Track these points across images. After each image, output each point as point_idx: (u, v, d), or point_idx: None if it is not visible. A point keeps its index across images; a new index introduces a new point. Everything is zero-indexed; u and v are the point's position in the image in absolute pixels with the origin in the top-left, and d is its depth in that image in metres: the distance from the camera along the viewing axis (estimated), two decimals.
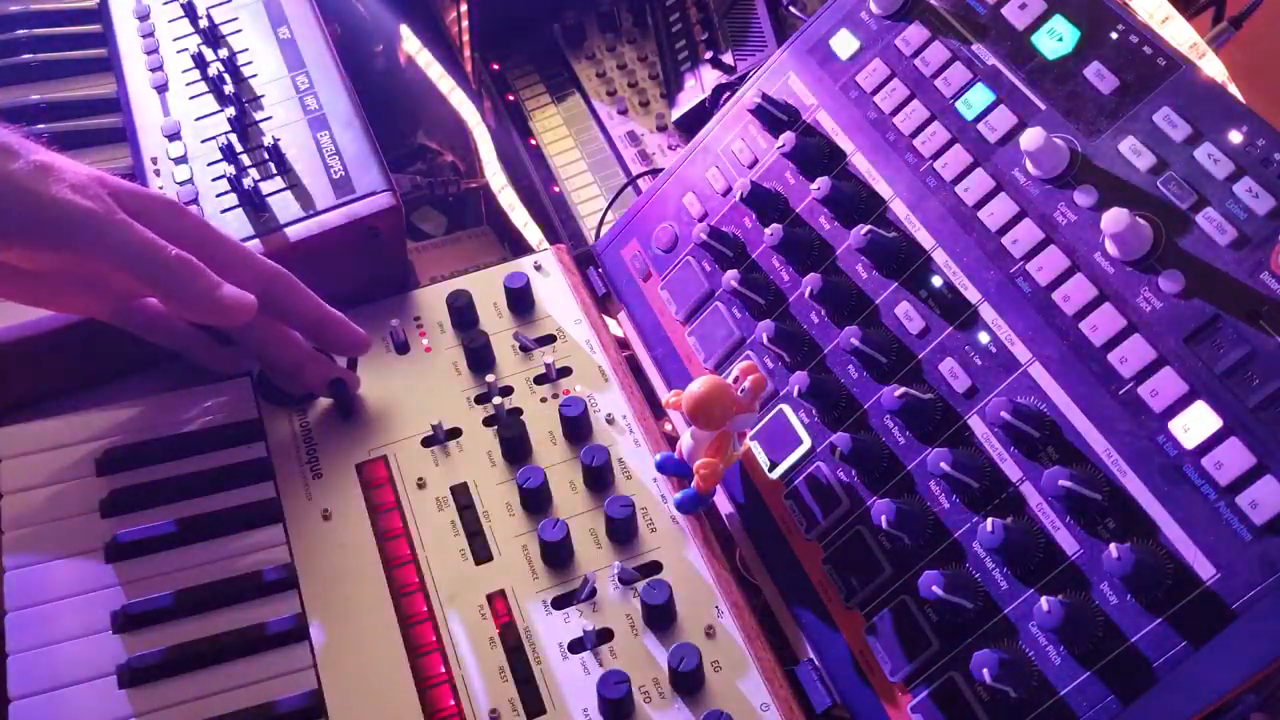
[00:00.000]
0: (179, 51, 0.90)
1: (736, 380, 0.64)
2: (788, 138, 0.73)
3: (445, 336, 0.79)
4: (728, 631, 0.65)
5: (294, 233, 0.77)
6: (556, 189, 1.02)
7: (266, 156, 0.81)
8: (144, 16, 0.94)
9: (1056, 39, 0.66)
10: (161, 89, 0.89)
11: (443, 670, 0.64)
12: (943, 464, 0.59)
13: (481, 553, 0.68)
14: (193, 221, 0.69)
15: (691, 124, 0.98)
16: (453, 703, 0.63)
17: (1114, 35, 0.64)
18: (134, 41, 0.93)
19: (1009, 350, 0.62)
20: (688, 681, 0.62)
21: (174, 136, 0.84)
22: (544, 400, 0.75)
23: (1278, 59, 1.02)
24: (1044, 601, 0.54)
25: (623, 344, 0.82)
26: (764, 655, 0.64)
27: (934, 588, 0.57)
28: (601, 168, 1.02)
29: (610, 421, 0.74)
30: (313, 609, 0.67)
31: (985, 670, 0.54)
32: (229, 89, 0.85)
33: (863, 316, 0.68)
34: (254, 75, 0.88)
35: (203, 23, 0.90)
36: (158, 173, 0.82)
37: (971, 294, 0.64)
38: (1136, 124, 0.61)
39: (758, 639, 0.65)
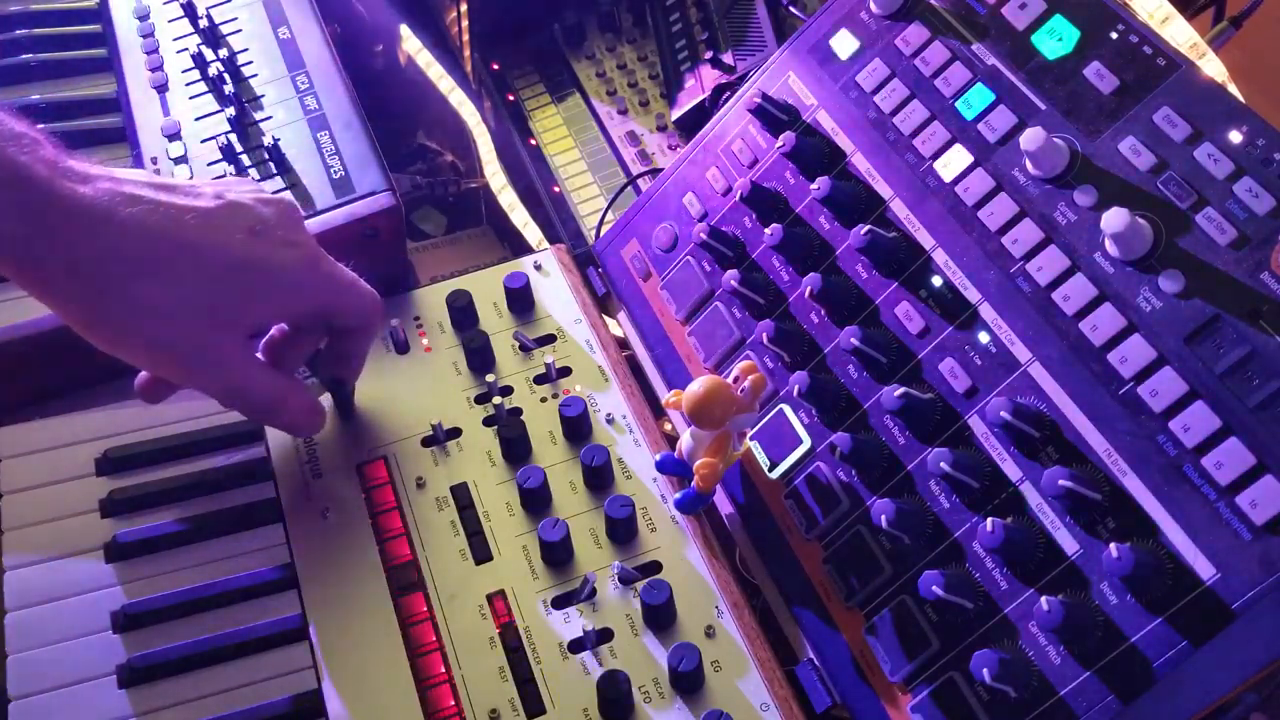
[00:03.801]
0: (179, 51, 0.90)
1: (736, 380, 0.64)
2: (788, 138, 0.73)
3: (445, 336, 0.79)
4: (728, 631, 0.65)
5: None
6: (556, 189, 1.02)
7: (266, 156, 0.81)
8: (144, 16, 0.94)
9: (1056, 39, 0.66)
10: (161, 89, 0.89)
11: (443, 670, 0.64)
12: (943, 464, 0.59)
13: (481, 553, 0.68)
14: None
15: (691, 124, 0.98)
16: (453, 703, 0.63)
17: (1114, 35, 0.64)
18: (134, 41, 0.93)
19: (1009, 350, 0.62)
20: (688, 681, 0.62)
21: (174, 136, 0.84)
22: (544, 400, 0.75)
23: (1278, 59, 1.02)
24: (1044, 601, 0.54)
25: (623, 344, 0.82)
26: (764, 655, 0.64)
27: (934, 588, 0.57)
28: (601, 168, 1.02)
29: (610, 421, 0.74)
30: (313, 609, 0.67)
31: (985, 670, 0.54)
32: (229, 89, 0.85)
33: (863, 316, 0.68)
34: (254, 75, 0.88)
35: (203, 23, 0.90)
36: (158, 173, 0.82)
37: (971, 294, 0.64)
38: (1136, 124, 0.61)
39: (758, 639, 0.65)
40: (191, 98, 0.87)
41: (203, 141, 0.84)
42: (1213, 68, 0.78)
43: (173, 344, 0.61)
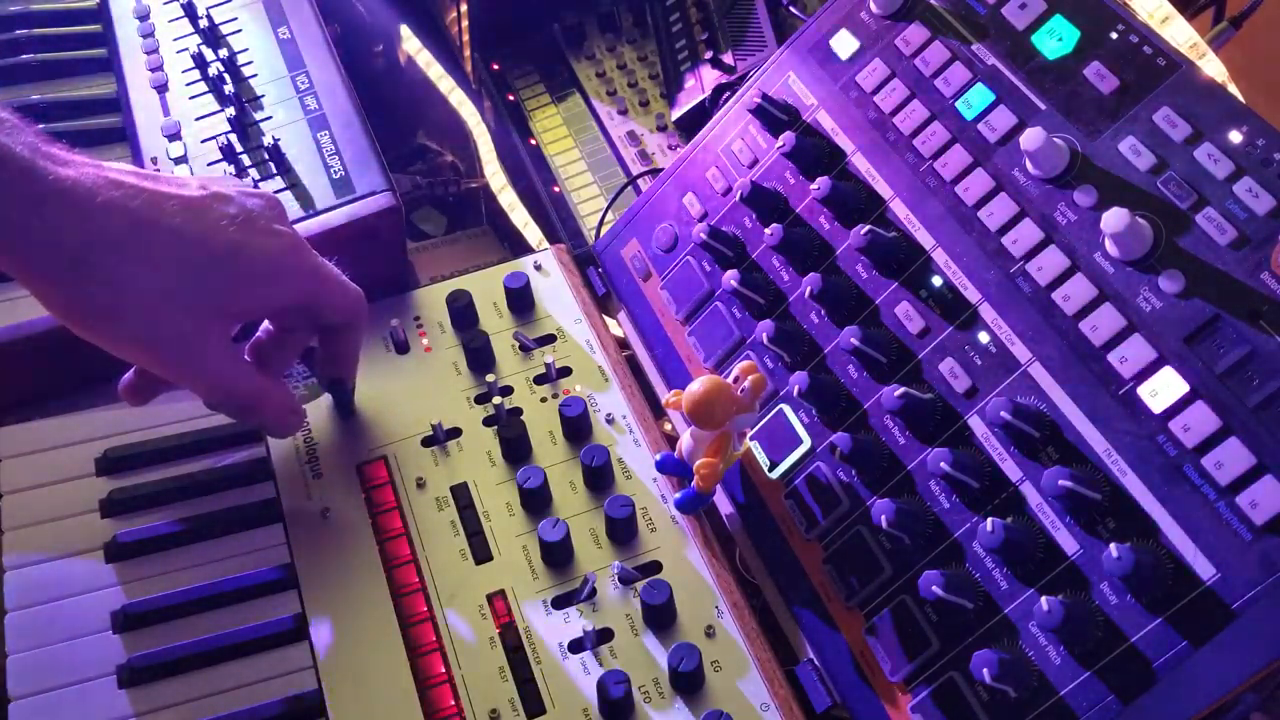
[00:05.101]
0: (179, 51, 0.90)
1: (736, 380, 0.64)
2: (788, 138, 0.73)
3: (445, 336, 0.79)
4: (728, 631, 0.65)
5: None
6: (556, 189, 1.02)
7: (266, 156, 0.81)
8: (144, 16, 0.94)
9: (1056, 39, 0.66)
10: (161, 89, 0.89)
11: (443, 670, 0.64)
12: (943, 464, 0.59)
13: (481, 553, 0.68)
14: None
15: (691, 124, 0.98)
16: (453, 703, 0.63)
17: (1114, 35, 0.64)
18: (134, 41, 0.93)
19: (1009, 350, 0.62)
20: (688, 681, 0.62)
21: (174, 136, 0.84)
22: (544, 400, 0.75)
23: (1278, 59, 1.02)
24: (1044, 601, 0.54)
25: (623, 344, 0.82)
26: (764, 655, 0.64)
27: (934, 588, 0.57)
28: (601, 168, 1.02)
29: (610, 421, 0.74)
30: (313, 609, 0.67)
31: (985, 670, 0.54)
32: (229, 89, 0.85)
33: (863, 316, 0.68)
34: (254, 75, 0.88)
35: (203, 23, 0.90)
36: (158, 172, 0.82)
37: (971, 294, 0.64)
38: (1136, 124, 0.61)
39: (758, 639, 0.65)
40: (191, 98, 0.87)
41: (203, 141, 0.84)
42: (1213, 68, 0.78)
43: (153, 331, 0.60)
